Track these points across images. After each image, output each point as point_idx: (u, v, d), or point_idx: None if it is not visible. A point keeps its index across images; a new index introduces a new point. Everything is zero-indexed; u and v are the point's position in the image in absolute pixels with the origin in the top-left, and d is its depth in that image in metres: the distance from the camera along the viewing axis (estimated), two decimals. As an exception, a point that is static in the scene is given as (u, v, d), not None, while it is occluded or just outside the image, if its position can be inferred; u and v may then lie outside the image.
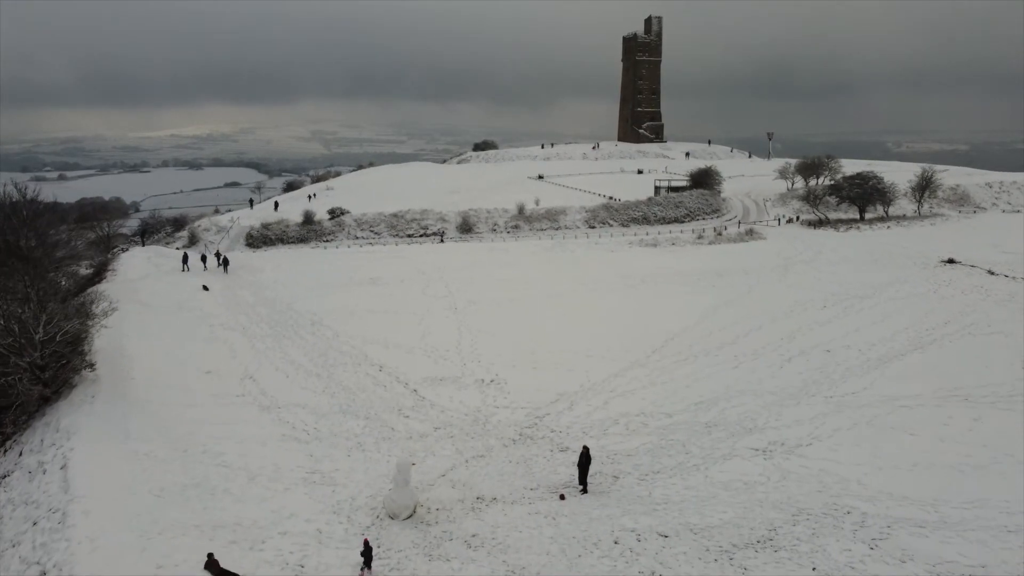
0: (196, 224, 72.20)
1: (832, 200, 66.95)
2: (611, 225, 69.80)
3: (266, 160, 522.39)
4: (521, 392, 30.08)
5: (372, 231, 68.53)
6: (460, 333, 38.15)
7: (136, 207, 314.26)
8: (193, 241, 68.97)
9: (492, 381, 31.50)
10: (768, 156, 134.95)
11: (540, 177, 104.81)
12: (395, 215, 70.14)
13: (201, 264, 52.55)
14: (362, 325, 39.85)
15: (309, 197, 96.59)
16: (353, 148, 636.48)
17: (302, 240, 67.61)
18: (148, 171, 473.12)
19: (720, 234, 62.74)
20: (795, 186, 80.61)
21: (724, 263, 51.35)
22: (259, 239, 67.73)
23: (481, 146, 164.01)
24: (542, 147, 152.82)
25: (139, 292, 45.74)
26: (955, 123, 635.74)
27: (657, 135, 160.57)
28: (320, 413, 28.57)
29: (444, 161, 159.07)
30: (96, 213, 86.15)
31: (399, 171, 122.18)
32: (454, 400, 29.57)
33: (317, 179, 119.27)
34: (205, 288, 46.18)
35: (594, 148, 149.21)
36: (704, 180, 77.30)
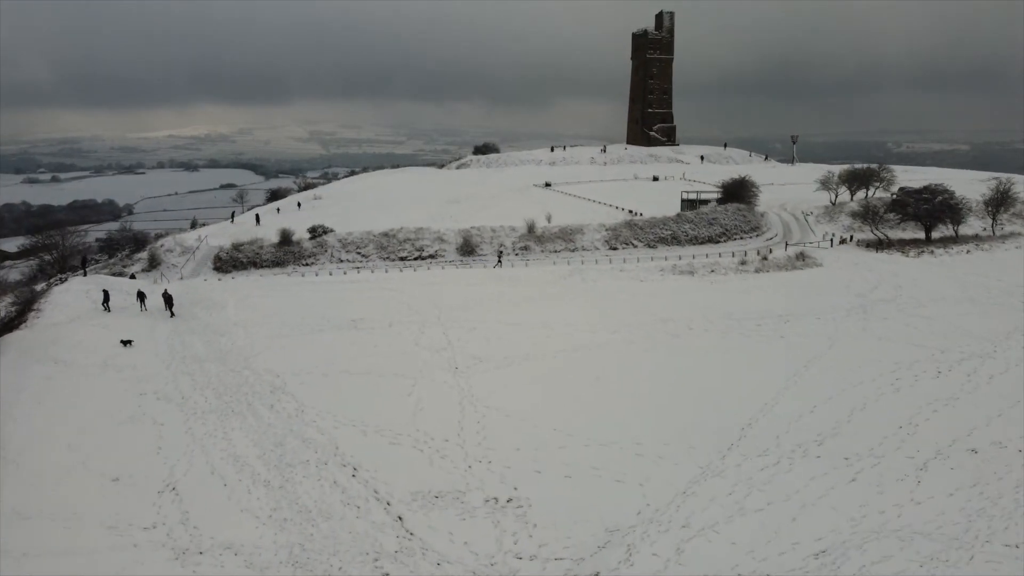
0: (158, 244, 62.98)
1: (893, 217, 57.79)
2: (635, 246, 60.58)
3: (264, 161, 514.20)
4: (553, 524, 20.88)
5: (359, 253, 59.32)
6: (463, 409, 28.96)
7: (130, 209, 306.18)
8: (154, 264, 59.81)
9: (510, 501, 22.27)
10: (792, 161, 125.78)
11: (547, 185, 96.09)
12: (385, 234, 60.90)
13: (138, 303, 43.21)
14: (336, 395, 30.76)
15: (298, 205, 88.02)
16: (351, 148, 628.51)
17: (278, 264, 58.42)
18: (143, 172, 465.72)
19: (766, 259, 53.55)
20: (839, 199, 71.27)
21: (784, 301, 42.17)
22: (228, 262, 58.54)
23: (482, 149, 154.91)
24: (552, 150, 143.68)
25: (59, 343, 36.58)
26: (955, 123, 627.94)
27: (669, 138, 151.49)
28: (260, 566, 19.38)
29: (442, 166, 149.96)
30: (50, 227, 76.82)
31: (394, 178, 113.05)
32: (456, 539, 20.35)
33: (304, 187, 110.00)
34: (125, 343, 36.83)
35: (602, 152, 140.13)
36: (738, 192, 68.01)
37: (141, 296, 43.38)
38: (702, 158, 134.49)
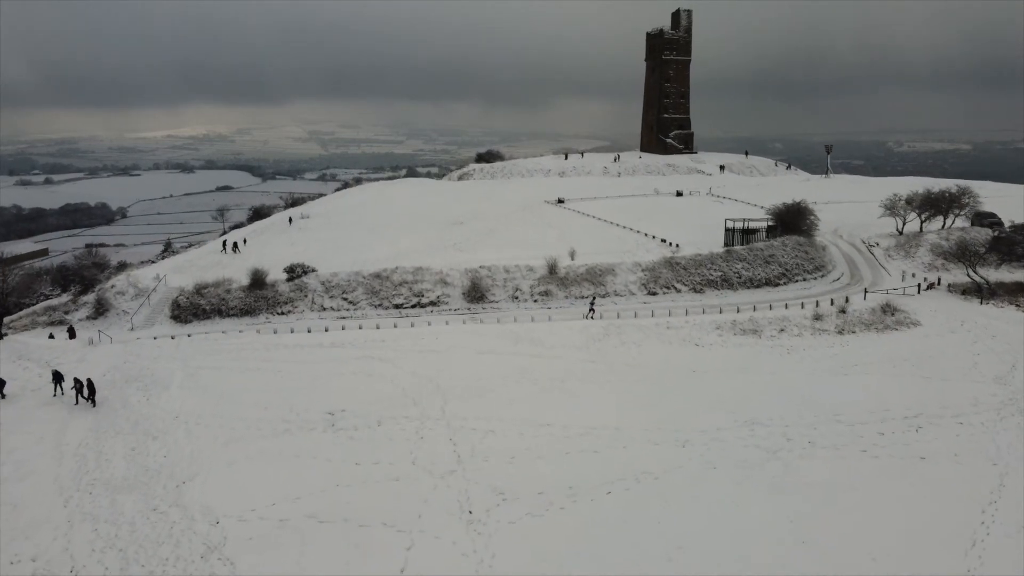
0: (108, 285, 52.85)
1: (994, 258, 47.74)
2: (678, 290, 50.46)
3: (262, 162, 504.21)
4: None
5: (345, 299, 49.23)
6: (483, 611, 18.97)
7: (123, 213, 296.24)
8: (101, 310, 49.83)
9: None
10: (826, 173, 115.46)
11: (560, 201, 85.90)
12: (377, 276, 50.72)
13: (53, 387, 33.32)
14: (294, 567, 20.82)
15: (289, 221, 78.48)
16: (350, 148, 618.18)
17: (248, 312, 48.33)
18: (138, 174, 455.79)
19: (844, 311, 43.51)
20: (907, 226, 60.86)
21: (900, 390, 32.10)
22: (188, 309, 48.50)
23: (485, 157, 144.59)
24: (566, 157, 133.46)
25: (-79, 464, 26.62)
26: (956, 122, 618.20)
27: (687, 145, 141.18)
28: None
29: (443, 175, 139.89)
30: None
31: (389, 192, 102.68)
32: None
33: (292, 203, 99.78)
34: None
35: (615, 160, 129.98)
36: (796, 221, 57.71)
37: (56, 377, 33.39)
38: (722, 168, 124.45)
